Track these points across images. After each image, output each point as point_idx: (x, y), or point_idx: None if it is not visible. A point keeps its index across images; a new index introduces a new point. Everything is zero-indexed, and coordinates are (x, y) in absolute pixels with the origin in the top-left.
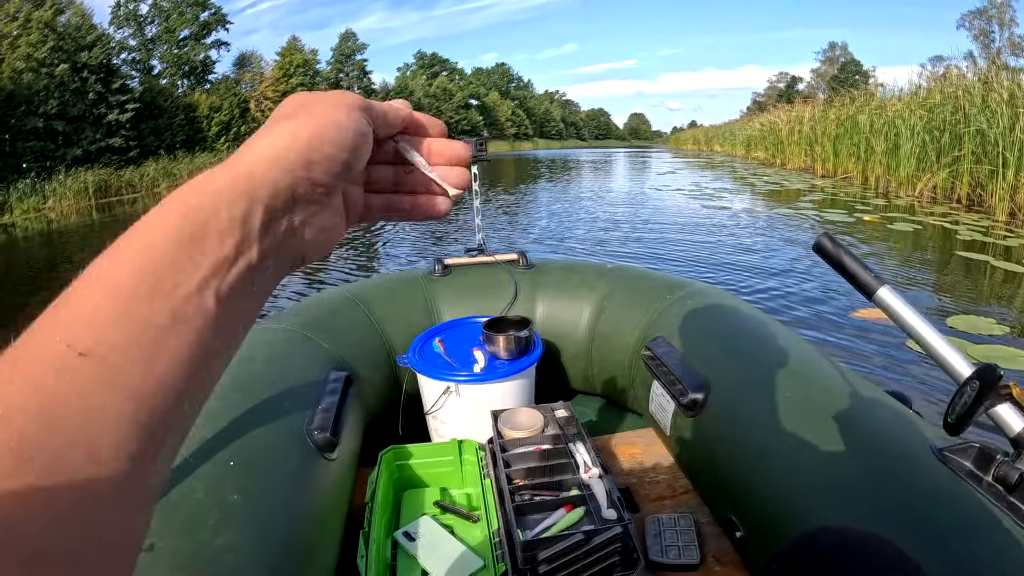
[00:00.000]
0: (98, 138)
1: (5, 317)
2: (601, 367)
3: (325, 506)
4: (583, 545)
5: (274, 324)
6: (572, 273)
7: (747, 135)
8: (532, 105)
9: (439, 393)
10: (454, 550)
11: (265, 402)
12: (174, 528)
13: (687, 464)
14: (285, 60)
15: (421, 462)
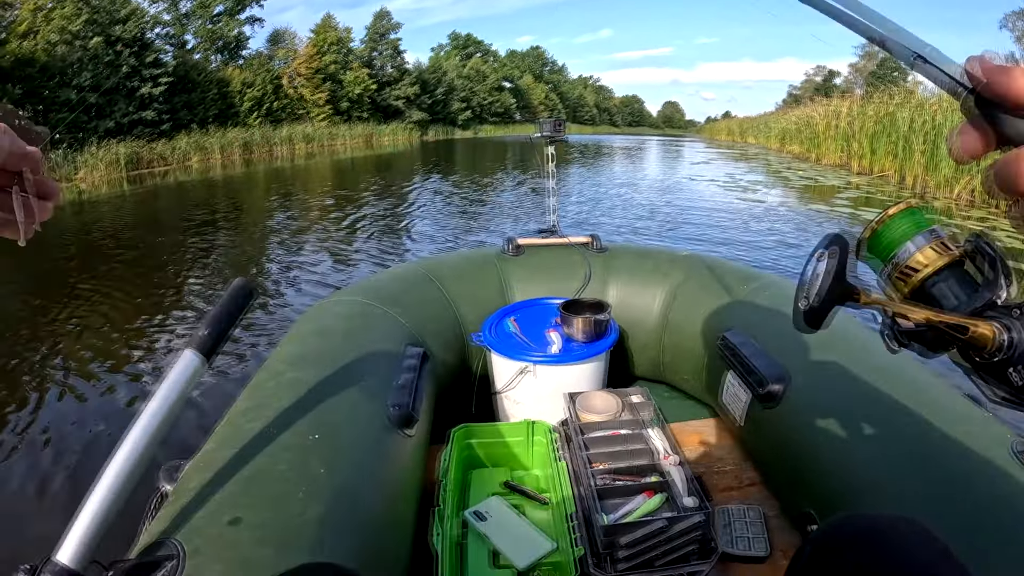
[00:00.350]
0: (131, 111)
1: (41, 282)
2: (671, 354)
3: (403, 482)
4: (664, 532)
5: (349, 296)
6: (645, 259)
7: (782, 128)
8: (566, 89)
9: (513, 373)
10: (524, 531)
11: (344, 375)
12: (261, 501)
13: (759, 456)
14: (319, 37)
15: (490, 441)
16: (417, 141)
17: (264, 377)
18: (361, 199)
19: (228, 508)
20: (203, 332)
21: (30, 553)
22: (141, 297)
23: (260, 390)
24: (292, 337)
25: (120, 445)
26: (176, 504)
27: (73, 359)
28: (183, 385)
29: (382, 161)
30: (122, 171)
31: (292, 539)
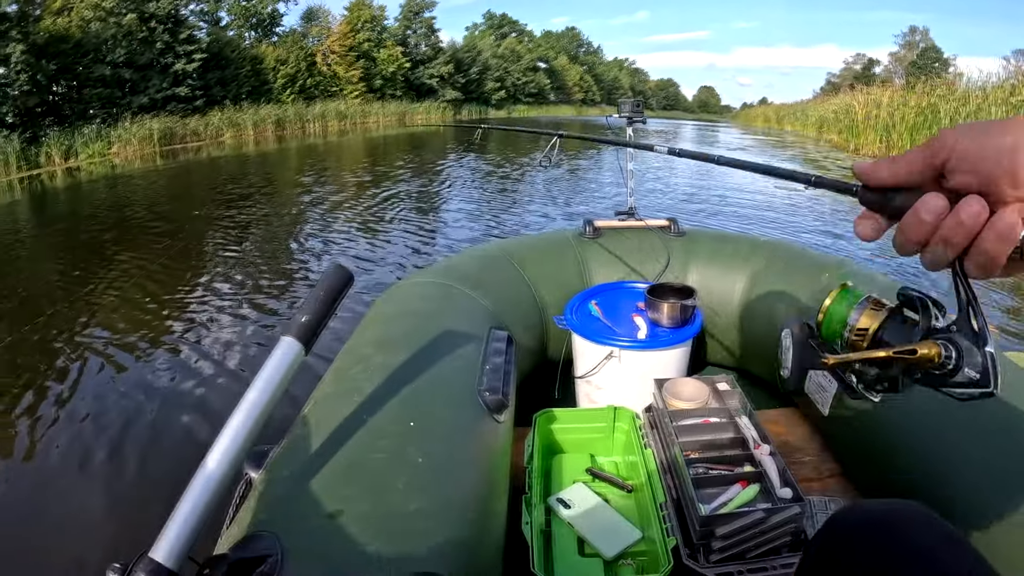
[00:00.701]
0: (164, 87)
1: (79, 254)
2: (750, 341)
3: (495, 469)
4: (761, 523)
5: (428, 278)
6: (725, 243)
7: (820, 116)
8: (601, 71)
9: (599, 358)
10: (610, 520)
11: (433, 359)
12: (361, 493)
13: (843, 447)
14: (353, 15)
15: (572, 427)
16: (451, 120)
17: (350, 360)
18: (395, 175)
19: (327, 500)
20: (301, 319)
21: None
22: (180, 269)
23: (347, 374)
24: (374, 319)
25: (218, 438)
26: (267, 493)
27: (113, 330)
28: (282, 374)
29: (415, 139)
30: (155, 146)
31: (397, 534)
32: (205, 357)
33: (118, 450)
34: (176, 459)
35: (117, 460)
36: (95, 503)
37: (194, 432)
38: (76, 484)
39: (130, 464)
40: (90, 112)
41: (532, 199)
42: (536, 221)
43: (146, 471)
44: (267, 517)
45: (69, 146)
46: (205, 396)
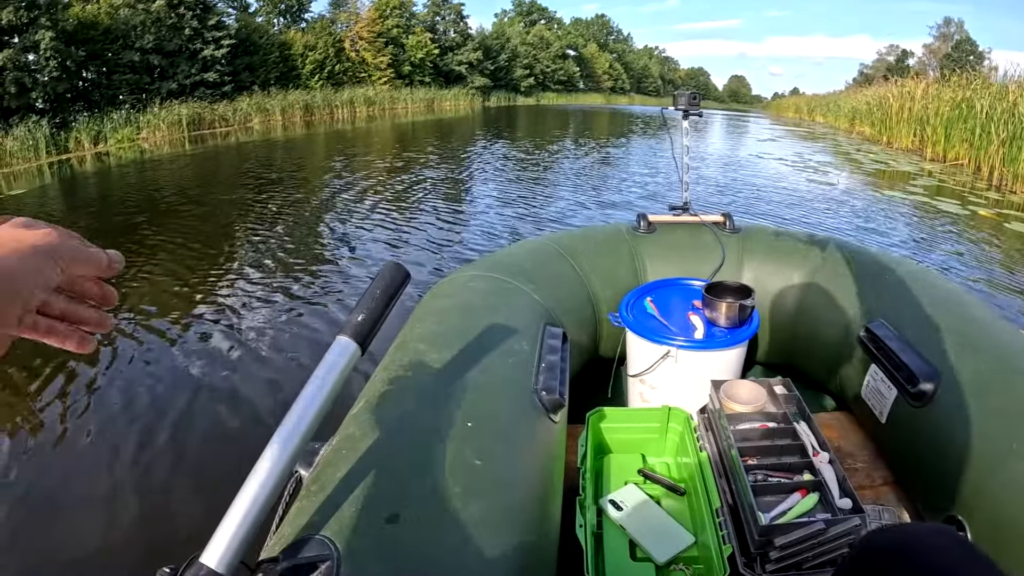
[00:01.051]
0: (193, 72)
1: (108, 236)
2: (805, 343)
3: (551, 471)
4: (821, 535)
5: (481, 271)
6: (782, 240)
7: (852, 108)
8: (630, 60)
9: (654, 357)
10: (663, 524)
11: (488, 356)
12: (419, 496)
13: (900, 456)
14: (381, 2)
15: (625, 426)
16: (479, 106)
17: (401, 356)
18: (425, 161)
19: (383, 503)
20: (357, 318)
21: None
22: (211, 252)
23: (400, 371)
24: (425, 313)
25: (272, 440)
26: (319, 494)
27: (145, 314)
28: (337, 374)
29: (443, 126)
30: (184, 131)
31: (456, 540)
32: (238, 344)
33: (150, 441)
34: (210, 449)
35: (150, 451)
36: (128, 497)
37: (227, 423)
38: (107, 475)
39: (164, 456)
40: (119, 98)
41: (562, 187)
42: (569, 209)
43: (180, 463)
44: (320, 519)
45: (98, 131)
46: (239, 385)
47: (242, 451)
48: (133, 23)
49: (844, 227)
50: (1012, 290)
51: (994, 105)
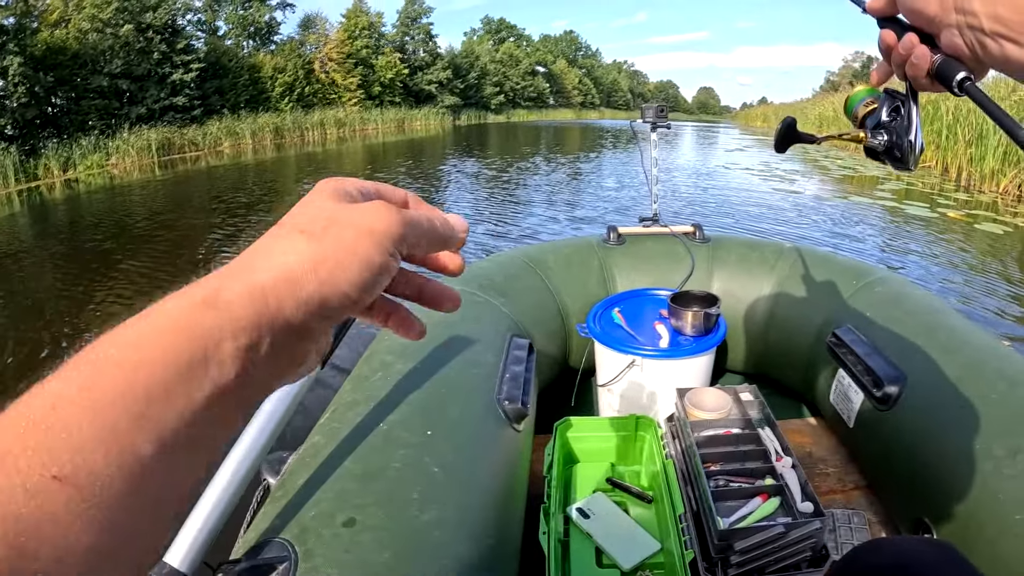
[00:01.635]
0: (162, 97)
1: (80, 264)
2: (776, 350)
3: (513, 479)
4: (781, 538)
5: (451, 285)
6: (751, 250)
7: (819, 114)
8: (599, 74)
9: (620, 366)
10: (629, 531)
11: (453, 367)
12: (376, 501)
13: (869, 459)
14: (350, 23)
15: (593, 435)
16: (449, 125)
17: (369, 368)
18: (396, 181)
19: (342, 507)
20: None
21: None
22: (184, 278)
23: (366, 382)
24: None
25: (234, 447)
26: (283, 500)
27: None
28: (297, 387)
29: (415, 145)
30: (153, 157)
31: (410, 544)
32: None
33: None
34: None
35: None
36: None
37: None
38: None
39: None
40: (89, 123)
41: (534, 203)
42: (541, 225)
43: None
44: (282, 524)
45: (67, 158)
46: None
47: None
48: (101, 48)
49: (813, 235)
50: (984, 291)
51: (959, 106)
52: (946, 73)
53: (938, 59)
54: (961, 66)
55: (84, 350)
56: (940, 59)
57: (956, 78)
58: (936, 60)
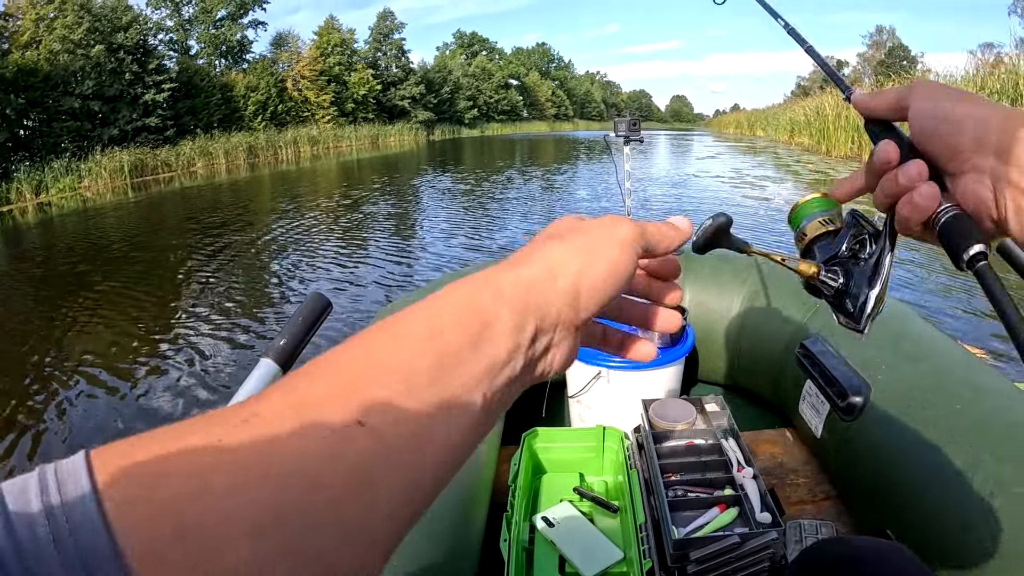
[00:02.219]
0: (134, 118)
1: (55, 287)
2: (747, 361)
3: (474, 486)
4: (737, 548)
5: (415, 298)
6: (722, 262)
7: (790, 119)
8: (572, 86)
9: (587, 378)
10: (593, 540)
11: None
12: None
13: (835, 470)
14: (322, 40)
15: (561, 446)
16: (424, 140)
17: None
18: (371, 198)
19: None
20: (280, 342)
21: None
22: (158, 298)
23: None
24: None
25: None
26: None
27: (94, 358)
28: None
29: (389, 161)
30: (126, 178)
31: None
32: (187, 382)
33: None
34: None
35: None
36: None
37: None
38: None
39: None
40: (61, 146)
41: (509, 217)
42: (516, 237)
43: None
44: None
45: (39, 181)
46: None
47: None
48: (73, 69)
49: (781, 245)
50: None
51: None
52: (955, 237)
53: (948, 212)
54: (977, 232)
55: (386, 321)
56: (952, 213)
57: (969, 253)
58: (944, 212)
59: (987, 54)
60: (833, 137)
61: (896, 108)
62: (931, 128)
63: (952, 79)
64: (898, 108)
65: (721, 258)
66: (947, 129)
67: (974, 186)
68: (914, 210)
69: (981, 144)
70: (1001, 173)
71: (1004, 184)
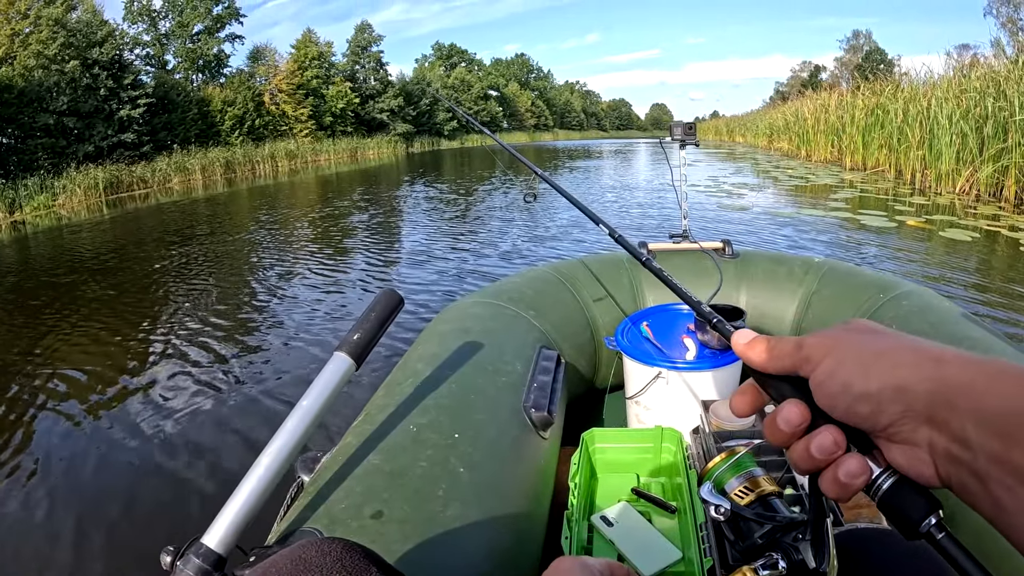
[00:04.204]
0: (110, 134)
1: (29, 306)
2: None
3: (537, 484)
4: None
5: (484, 298)
6: (779, 265)
7: (769, 125)
8: (552, 96)
9: (647, 379)
10: (651, 539)
11: (482, 375)
12: (403, 497)
13: None
14: (300, 53)
15: (620, 447)
16: (403, 153)
17: (402, 375)
18: (348, 212)
19: (370, 501)
20: (354, 336)
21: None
22: (139, 316)
23: (399, 387)
24: (428, 336)
25: (272, 440)
26: (315, 494)
27: (73, 378)
28: (334, 386)
29: (368, 174)
30: (101, 195)
31: (434, 536)
32: (170, 401)
33: (69, 516)
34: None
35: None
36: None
37: (150, 490)
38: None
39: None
40: (36, 163)
41: (493, 231)
42: (501, 243)
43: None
44: (312, 515)
45: (13, 199)
46: (163, 444)
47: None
48: (47, 85)
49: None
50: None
51: (907, 108)
52: (905, 509)
53: (886, 478)
54: (929, 499)
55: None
56: (892, 480)
57: (926, 524)
58: (884, 480)
59: (963, 55)
60: (813, 141)
61: (793, 370)
62: (844, 406)
63: (931, 78)
64: (795, 370)
65: (778, 261)
66: (865, 409)
67: (910, 461)
68: (843, 490)
69: (909, 417)
70: (941, 448)
71: (948, 462)
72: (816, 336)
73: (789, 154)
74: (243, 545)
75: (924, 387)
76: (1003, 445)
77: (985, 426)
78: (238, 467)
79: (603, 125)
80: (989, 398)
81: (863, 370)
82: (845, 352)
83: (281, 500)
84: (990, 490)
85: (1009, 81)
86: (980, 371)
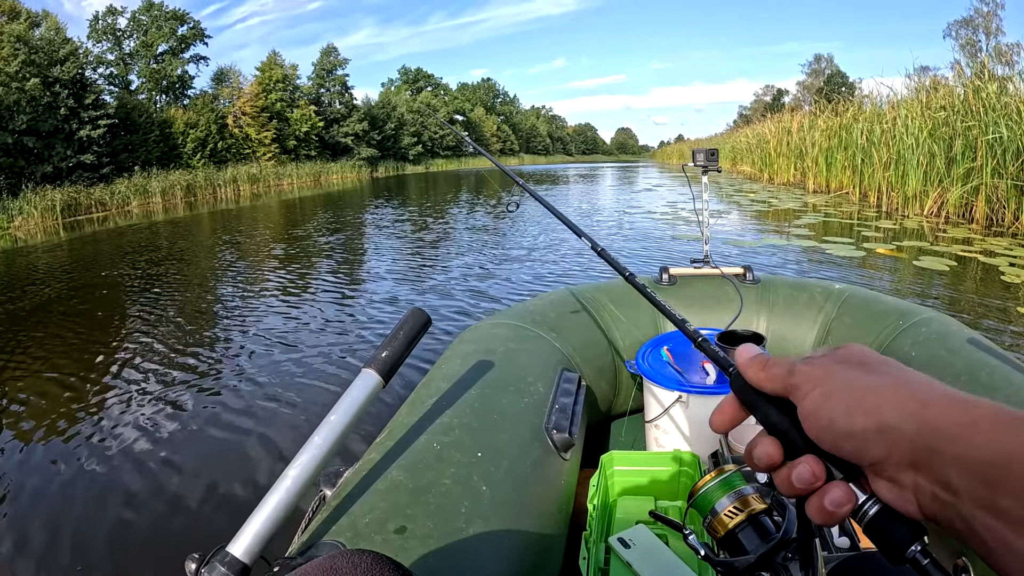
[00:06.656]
0: (69, 154)
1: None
2: None
3: (557, 504)
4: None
5: (506, 319)
6: (800, 291)
7: (732, 147)
8: (518, 120)
9: (667, 402)
10: (668, 563)
11: (504, 395)
12: (426, 513)
13: None
14: (265, 75)
15: (638, 469)
16: (367, 178)
17: (426, 393)
18: (308, 237)
19: (393, 516)
20: (382, 355)
21: None
22: (96, 342)
23: (422, 405)
24: (451, 356)
25: (300, 453)
26: (338, 508)
27: (29, 407)
28: (361, 402)
29: (332, 199)
30: (58, 218)
31: (455, 553)
32: (131, 426)
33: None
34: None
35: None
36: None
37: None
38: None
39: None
40: None
41: (458, 245)
42: (468, 266)
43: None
44: (335, 528)
45: None
46: (118, 474)
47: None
48: (7, 103)
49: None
50: None
51: (872, 128)
52: (892, 535)
53: (872, 507)
54: (914, 527)
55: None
56: (877, 508)
57: (912, 551)
58: (870, 507)
59: (924, 77)
60: (775, 163)
61: (784, 394)
62: (829, 441)
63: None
64: (786, 395)
65: (799, 287)
66: (849, 446)
67: (895, 497)
68: (829, 517)
69: (893, 458)
70: (926, 490)
71: (933, 502)
72: (807, 364)
73: (752, 177)
74: (266, 556)
75: (908, 428)
76: (988, 491)
77: (969, 473)
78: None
79: (569, 150)
80: (972, 445)
81: (847, 408)
82: (832, 386)
83: (302, 513)
84: (976, 532)
85: (978, 98)
86: (965, 415)
